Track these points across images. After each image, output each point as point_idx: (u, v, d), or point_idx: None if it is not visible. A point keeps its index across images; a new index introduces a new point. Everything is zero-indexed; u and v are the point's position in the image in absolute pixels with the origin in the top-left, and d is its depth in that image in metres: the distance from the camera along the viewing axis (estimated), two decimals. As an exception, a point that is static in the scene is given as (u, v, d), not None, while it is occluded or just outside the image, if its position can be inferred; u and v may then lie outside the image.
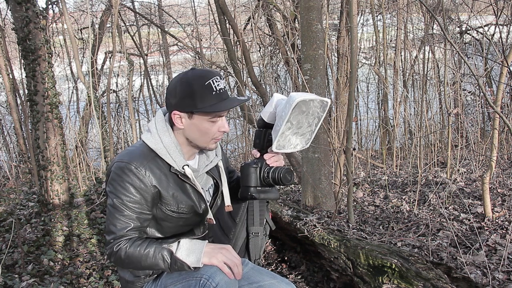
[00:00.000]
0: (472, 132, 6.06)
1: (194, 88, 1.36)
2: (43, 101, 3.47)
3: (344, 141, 3.64)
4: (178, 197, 1.45)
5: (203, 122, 1.41)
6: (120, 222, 1.38)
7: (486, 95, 3.13)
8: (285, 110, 1.39)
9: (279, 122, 1.41)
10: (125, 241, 1.37)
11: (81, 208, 3.74)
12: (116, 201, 1.37)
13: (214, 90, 1.37)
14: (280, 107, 1.44)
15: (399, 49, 7.14)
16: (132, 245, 1.37)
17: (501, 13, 5.04)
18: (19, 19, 3.33)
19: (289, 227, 2.59)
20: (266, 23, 7.65)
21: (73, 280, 2.97)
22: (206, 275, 1.31)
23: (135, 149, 1.44)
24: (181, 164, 1.43)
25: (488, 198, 2.95)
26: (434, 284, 1.76)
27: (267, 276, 1.55)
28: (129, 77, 4.80)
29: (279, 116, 1.42)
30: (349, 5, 2.98)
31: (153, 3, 9.84)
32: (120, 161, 1.39)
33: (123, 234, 1.38)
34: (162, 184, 1.41)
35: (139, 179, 1.37)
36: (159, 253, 1.36)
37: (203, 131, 1.42)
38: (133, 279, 1.50)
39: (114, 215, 1.38)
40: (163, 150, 1.41)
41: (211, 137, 1.44)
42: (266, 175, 1.48)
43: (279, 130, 1.41)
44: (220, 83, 1.39)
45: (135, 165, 1.37)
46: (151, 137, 1.43)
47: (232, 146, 9.05)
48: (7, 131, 7.53)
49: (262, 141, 1.51)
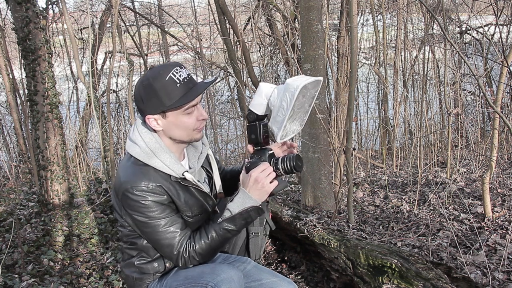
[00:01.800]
0: (472, 132, 6.06)
1: (156, 87, 1.33)
2: (43, 101, 3.47)
3: (344, 141, 3.64)
4: (189, 202, 1.46)
5: (179, 117, 1.38)
6: (167, 233, 1.37)
7: (486, 95, 3.13)
8: (285, 100, 1.34)
9: (279, 113, 1.37)
10: (185, 244, 1.38)
11: (81, 208, 3.74)
12: (149, 221, 1.37)
13: (177, 82, 1.33)
14: (274, 96, 1.39)
15: (399, 49, 7.14)
16: (195, 243, 1.38)
17: (501, 13, 5.03)
18: (19, 19, 3.33)
19: (289, 227, 2.59)
20: (266, 23, 7.65)
21: (73, 280, 2.97)
22: (212, 283, 1.30)
23: (133, 168, 1.40)
24: (180, 172, 1.42)
25: (488, 198, 2.95)
26: (434, 284, 1.76)
27: (268, 275, 1.55)
28: (129, 77, 4.80)
29: (278, 106, 1.37)
30: (349, 5, 2.98)
31: (153, 3, 9.85)
32: (128, 186, 1.36)
33: (178, 239, 1.38)
34: (173, 194, 1.41)
35: (154, 194, 1.36)
36: (220, 230, 1.38)
37: (182, 126, 1.39)
38: (141, 276, 1.50)
39: (157, 231, 1.37)
40: (159, 163, 1.39)
41: (192, 129, 1.41)
42: (276, 167, 1.42)
43: (283, 121, 1.36)
44: (181, 72, 1.35)
45: (144, 184, 1.36)
46: (141, 152, 1.40)
47: (232, 146, 9.05)
48: (7, 131, 7.53)
49: (259, 135, 1.44)
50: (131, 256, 1.52)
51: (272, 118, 1.41)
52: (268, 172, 1.38)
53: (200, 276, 1.34)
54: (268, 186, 1.37)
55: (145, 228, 1.38)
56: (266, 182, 1.36)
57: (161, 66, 1.37)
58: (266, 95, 1.41)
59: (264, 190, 1.37)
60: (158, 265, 1.49)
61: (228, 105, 9.31)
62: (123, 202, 1.38)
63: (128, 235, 1.49)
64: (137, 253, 1.50)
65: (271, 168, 1.39)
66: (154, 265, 1.48)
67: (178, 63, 1.37)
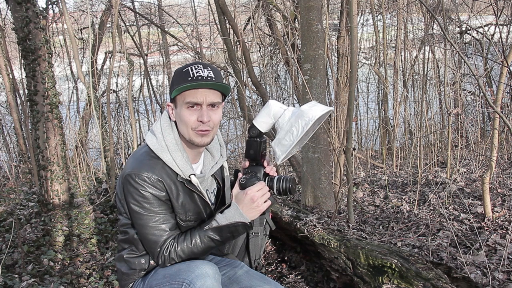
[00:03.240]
0: (472, 132, 6.06)
1: (175, 76, 1.41)
2: (43, 101, 3.46)
3: (344, 141, 3.65)
4: (186, 206, 1.47)
5: (182, 110, 1.40)
6: (156, 229, 1.39)
7: (486, 95, 3.13)
8: (296, 126, 1.34)
9: (287, 137, 1.36)
10: (169, 243, 1.40)
11: (81, 208, 3.74)
12: (143, 212, 1.39)
13: (190, 76, 1.37)
14: (284, 119, 1.38)
15: (399, 49, 7.14)
16: (178, 244, 1.39)
17: (501, 13, 5.04)
18: (19, 19, 3.33)
19: (289, 227, 2.59)
20: (266, 23, 7.65)
21: (73, 280, 2.97)
22: (188, 280, 1.31)
23: (143, 158, 1.43)
24: (187, 173, 1.43)
25: (488, 198, 2.95)
26: (434, 284, 1.76)
27: (260, 281, 1.53)
28: (129, 77, 4.80)
29: (287, 130, 1.37)
30: (349, 5, 2.98)
31: (153, 3, 9.84)
32: (132, 172, 1.39)
33: (165, 238, 1.40)
34: (172, 193, 1.43)
35: (154, 187, 1.39)
36: (205, 237, 1.39)
37: (183, 119, 1.41)
38: (129, 271, 1.52)
39: (147, 225, 1.39)
40: (169, 159, 1.41)
41: (191, 127, 1.41)
42: (270, 186, 1.44)
43: (289, 146, 1.35)
44: (200, 70, 1.37)
45: (147, 175, 1.38)
46: (157, 143, 1.43)
47: (232, 146, 9.04)
48: (7, 131, 7.53)
49: (258, 152, 1.44)
50: (123, 249, 1.55)
51: (277, 139, 1.40)
52: (263, 192, 1.39)
53: (176, 274, 1.35)
54: (262, 206, 1.39)
55: (137, 219, 1.41)
56: (261, 201, 1.39)
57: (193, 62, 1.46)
58: (275, 116, 1.41)
59: (258, 209, 1.39)
60: (145, 261, 1.50)
61: (228, 105, 9.31)
62: (124, 187, 1.41)
63: (123, 224, 1.52)
64: (128, 245, 1.53)
65: (267, 188, 1.40)
66: (141, 261, 1.50)
67: (205, 64, 1.41)
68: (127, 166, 1.43)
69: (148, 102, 9.97)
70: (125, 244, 1.54)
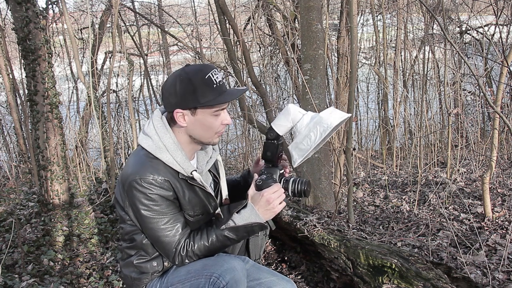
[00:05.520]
0: (472, 132, 6.06)
1: (195, 84, 1.36)
2: (43, 101, 3.46)
3: (344, 141, 3.65)
4: (193, 201, 1.47)
5: (207, 117, 1.41)
6: (168, 230, 1.39)
7: (486, 95, 3.13)
8: (314, 132, 1.37)
9: (304, 142, 1.40)
10: (184, 242, 1.40)
11: (81, 208, 3.74)
12: (153, 215, 1.38)
13: (214, 83, 1.37)
14: (302, 124, 1.42)
15: (399, 49, 7.13)
16: (194, 242, 1.40)
17: (501, 13, 5.04)
18: (19, 19, 3.33)
19: (289, 227, 2.59)
20: (266, 23, 7.64)
21: (73, 280, 2.97)
22: (217, 273, 1.31)
23: (143, 161, 1.41)
24: (189, 170, 1.43)
25: (488, 198, 2.95)
26: (434, 284, 1.76)
27: (267, 274, 1.56)
28: (129, 77, 4.80)
29: (304, 135, 1.40)
30: (349, 5, 2.98)
31: (153, 3, 9.83)
32: (136, 177, 1.37)
33: (178, 238, 1.40)
34: (179, 191, 1.43)
35: (161, 188, 1.38)
36: (221, 236, 1.40)
37: (207, 125, 1.42)
38: (140, 276, 1.50)
39: (159, 228, 1.39)
40: (169, 159, 1.41)
41: (215, 131, 1.44)
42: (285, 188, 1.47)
43: (306, 150, 1.39)
44: (218, 76, 1.39)
45: (152, 177, 1.37)
46: (154, 145, 1.41)
47: (232, 146, 9.04)
48: (7, 131, 7.53)
49: (275, 154, 1.48)
50: (130, 255, 1.52)
51: (294, 143, 1.43)
52: (279, 193, 1.41)
53: (203, 269, 1.35)
54: (278, 207, 1.41)
55: (147, 223, 1.39)
56: (276, 203, 1.40)
57: (201, 65, 1.42)
58: (294, 120, 1.44)
59: (274, 211, 1.41)
60: (157, 264, 1.49)
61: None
62: (128, 193, 1.39)
63: (128, 232, 1.49)
64: (136, 251, 1.50)
65: (282, 190, 1.42)
66: (153, 264, 1.49)
67: (215, 66, 1.42)
68: (128, 172, 1.40)
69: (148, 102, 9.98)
70: (131, 251, 1.51)
